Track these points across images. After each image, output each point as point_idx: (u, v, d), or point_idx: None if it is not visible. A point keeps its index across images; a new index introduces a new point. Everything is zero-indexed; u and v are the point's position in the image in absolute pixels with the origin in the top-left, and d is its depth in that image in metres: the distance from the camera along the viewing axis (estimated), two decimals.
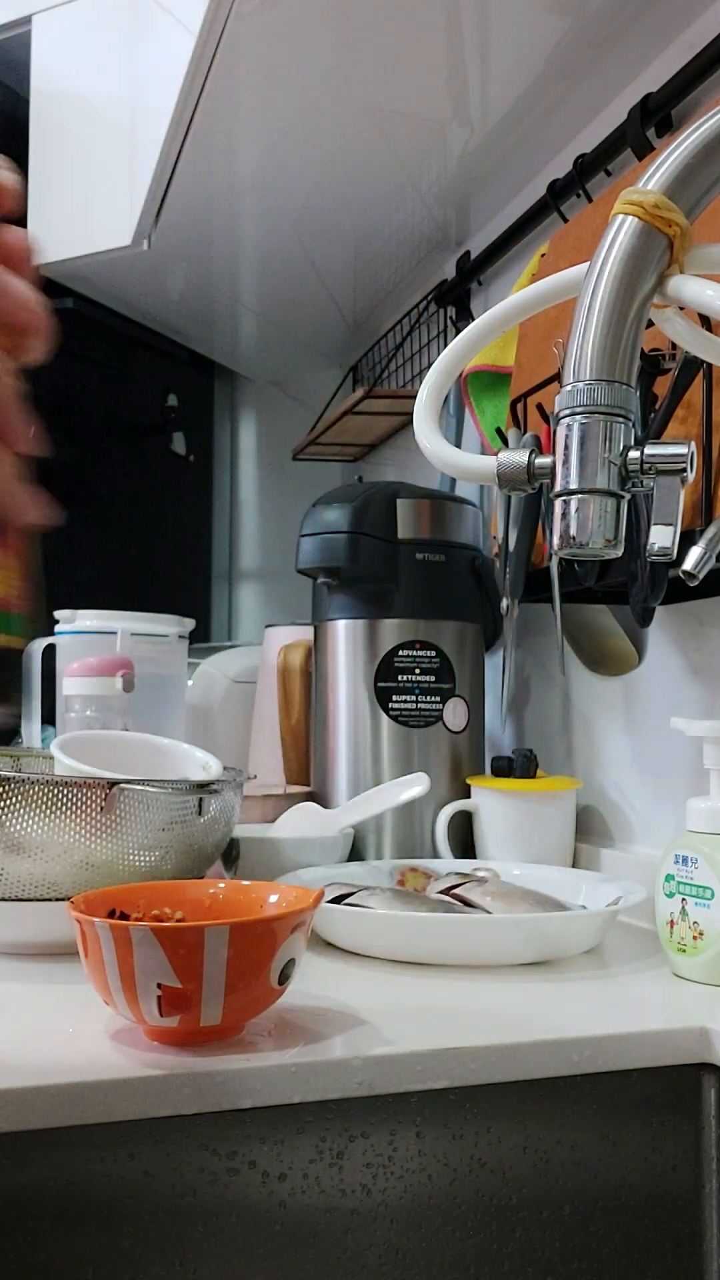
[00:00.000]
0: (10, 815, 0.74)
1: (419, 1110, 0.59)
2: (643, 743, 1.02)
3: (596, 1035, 0.61)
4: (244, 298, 1.72)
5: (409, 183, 1.30)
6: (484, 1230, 0.60)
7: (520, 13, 0.96)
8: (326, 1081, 0.56)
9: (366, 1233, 0.58)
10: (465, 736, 1.12)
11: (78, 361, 1.75)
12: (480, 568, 1.14)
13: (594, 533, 0.53)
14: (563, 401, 0.54)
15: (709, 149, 0.56)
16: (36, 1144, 0.53)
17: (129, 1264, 0.54)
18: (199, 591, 2.08)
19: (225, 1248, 0.56)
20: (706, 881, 0.71)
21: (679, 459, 0.53)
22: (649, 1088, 0.62)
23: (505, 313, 0.66)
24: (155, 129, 1.27)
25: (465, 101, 1.11)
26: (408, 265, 1.53)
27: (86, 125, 1.50)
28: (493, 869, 0.95)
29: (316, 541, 1.11)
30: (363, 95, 1.12)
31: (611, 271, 0.54)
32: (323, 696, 1.15)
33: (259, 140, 1.22)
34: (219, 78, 1.09)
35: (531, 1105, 0.60)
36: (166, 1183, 0.55)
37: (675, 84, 0.93)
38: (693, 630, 0.95)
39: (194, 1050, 0.57)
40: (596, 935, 0.80)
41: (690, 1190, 0.63)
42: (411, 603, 1.11)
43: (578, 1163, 0.61)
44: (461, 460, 0.64)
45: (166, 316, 1.81)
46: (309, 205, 1.37)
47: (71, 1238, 0.54)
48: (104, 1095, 0.54)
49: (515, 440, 1.02)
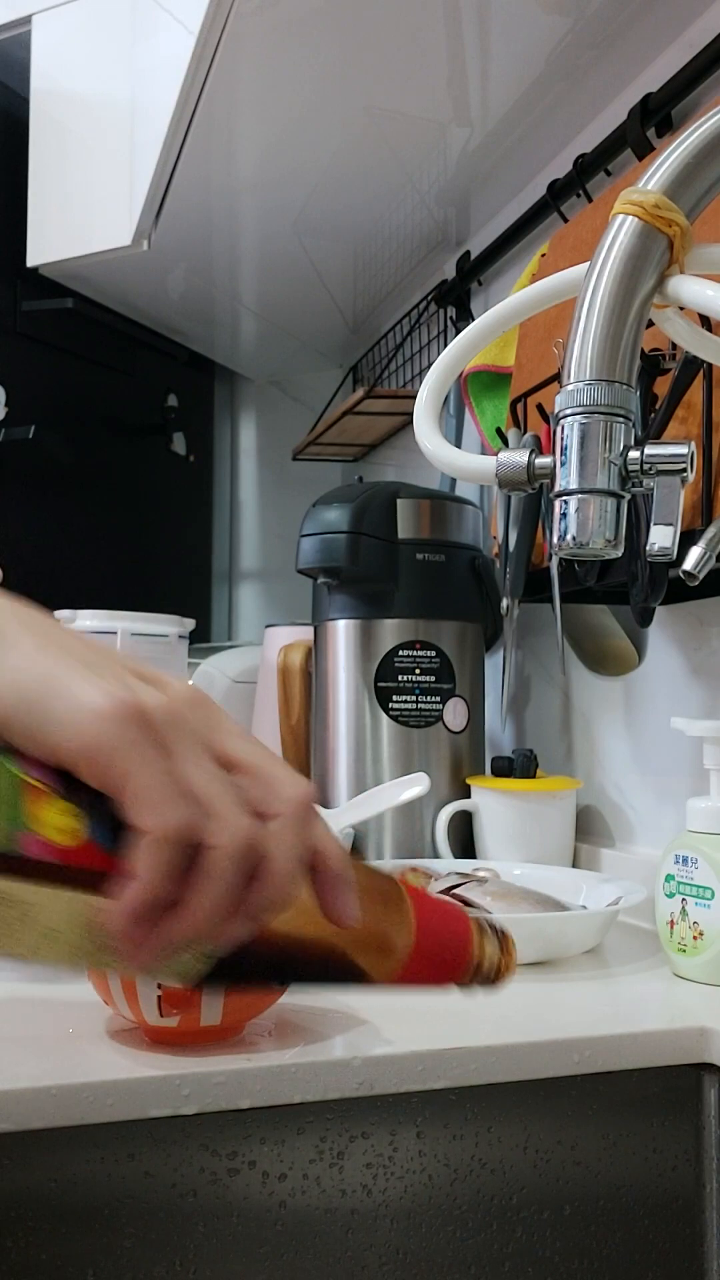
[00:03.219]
0: None
1: (419, 1110, 0.59)
2: (643, 743, 1.02)
3: (596, 1035, 0.61)
4: (244, 298, 1.72)
5: (409, 183, 1.30)
6: (484, 1230, 0.60)
7: (520, 13, 0.96)
8: (326, 1081, 0.56)
9: (367, 1233, 0.58)
10: (465, 736, 1.12)
11: (78, 361, 1.75)
12: (480, 568, 1.14)
13: (594, 533, 0.53)
14: (563, 401, 0.54)
15: (709, 149, 0.56)
16: (36, 1144, 0.53)
17: (129, 1264, 0.54)
18: (199, 591, 2.08)
19: (226, 1248, 0.56)
20: (706, 881, 0.71)
21: (679, 459, 0.53)
22: (649, 1088, 0.62)
23: (505, 313, 0.66)
24: (155, 129, 1.27)
25: (465, 101, 1.11)
26: (408, 265, 1.53)
27: (86, 125, 1.50)
28: (493, 869, 0.95)
29: (316, 541, 1.11)
30: (363, 95, 1.12)
31: (611, 271, 0.54)
32: (323, 697, 1.15)
33: (259, 140, 1.22)
34: (219, 78, 1.09)
35: (532, 1105, 0.60)
36: (167, 1183, 0.55)
37: (675, 84, 0.93)
38: (693, 630, 0.95)
39: (194, 1050, 0.57)
40: (596, 935, 0.80)
41: (690, 1190, 0.63)
42: (411, 603, 1.11)
43: (578, 1163, 0.61)
44: (461, 460, 0.64)
45: (166, 316, 1.81)
46: (309, 205, 1.37)
47: (72, 1238, 0.54)
48: (104, 1095, 0.53)
49: (515, 440, 1.02)
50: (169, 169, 1.30)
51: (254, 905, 0.36)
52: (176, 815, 0.34)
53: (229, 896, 0.35)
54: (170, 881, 0.34)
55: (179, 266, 1.59)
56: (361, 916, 0.40)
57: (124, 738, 0.34)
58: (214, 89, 1.12)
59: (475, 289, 1.41)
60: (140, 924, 0.34)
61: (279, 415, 2.15)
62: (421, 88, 1.09)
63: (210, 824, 0.35)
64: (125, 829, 0.34)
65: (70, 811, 0.34)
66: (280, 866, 0.36)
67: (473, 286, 1.40)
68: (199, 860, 0.35)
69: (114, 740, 0.34)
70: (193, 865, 0.35)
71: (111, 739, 0.34)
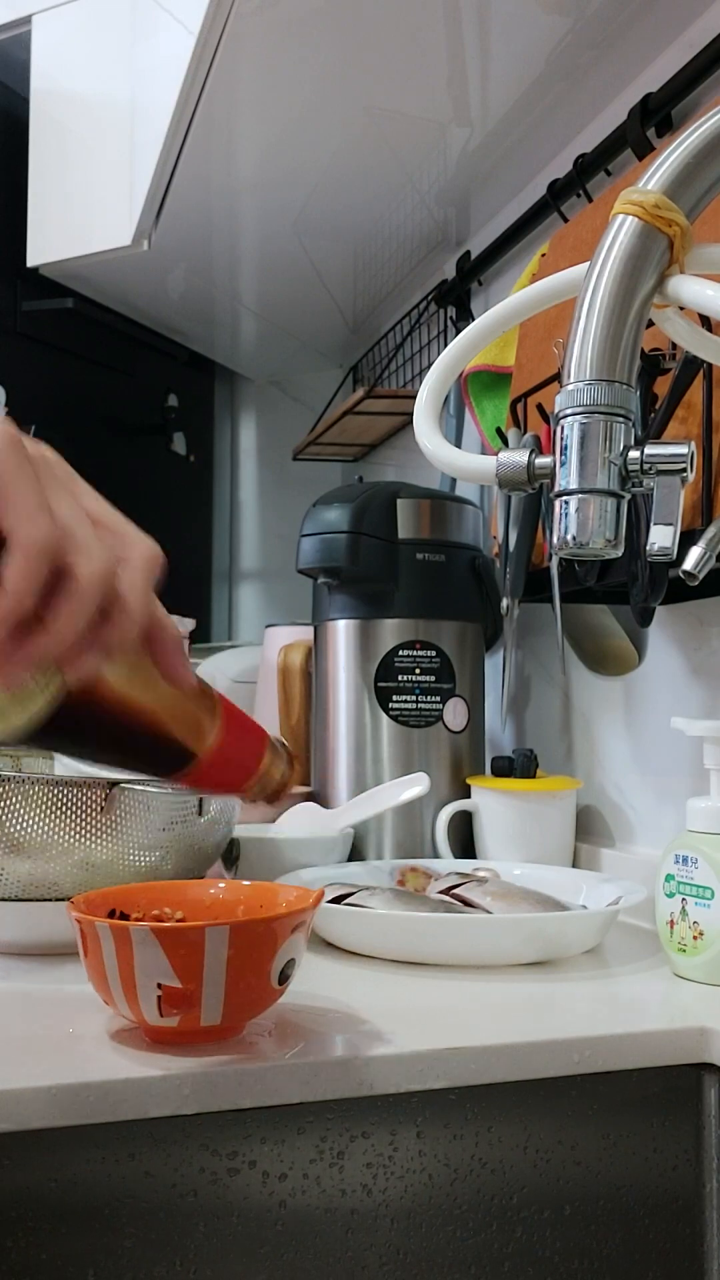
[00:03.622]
0: (10, 815, 0.74)
1: (419, 1110, 0.59)
2: (643, 743, 1.02)
3: (596, 1035, 0.61)
4: (244, 298, 1.72)
5: (409, 183, 1.30)
6: (484, 1230, 0.60)
7: (520, 13, 0.96)
8: (326, 1081, 0.56)
9: (367, 1233, 0.58)
10: (465, 736, 1.12)
11: (78, 361, 1.75)
12: (480, 568, 1.14)
13: (594, 533, 0.53)
14: (563, 401, 0.54)
15: (709, 149, 0.56)
16: (36, 1144, 0.53)
17: (130, 1264, 0.54)
18: (199, 591, 2.08)
19: (226, 1248, 0.56)
20: (706, 881, 0.71)
21: (679, 459, 0.53)
22: (649, 1088, 0.62)
23: (505, 313, 0.66)
24: (155, 129, 1.27)
25: (465, 101, 1.11)
26: (408, 265, 1.53)
27: (86, 125, 1.50)
28: (493, 869, 0.95)
29: (316, 541, 1.11)
30: (363, 95, 1.12)
31: (611, 271, 0.54)
32: (323, 696, 1.15)
33: (259, 140, 1.22)
34: (219, 78, 1.09)
35: (532, 1105, 0.60)
36: (167, 1183, 0.55)
37: (675, 84, 0.93)
38: (693, 630, 0.95)
39: (194, 1050, 0.57)
40: (596, 935, 0.80)
41: (690, 1190, 0.63)
42: (411, 603, 1.11)
43: (578, 1163, 0.61)
44: (461, 460, 0.64)
45: (166, 316, 1.81)
46: (309, 205, 1.37)
47: (72, 1238, 0.54)
48: (104, 1095, 0.54)
49: (515, 440, 1.02)
50: (169, 169, 1.30)
51: (106, 638, 0.40)
52: (47, 529, 0.38)
53: (86, 622, 0.39)
54: (35, 596, 0.38)
55: (179, 266, 1.59)
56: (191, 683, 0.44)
57: (4, 454, 0.39)
58: (214, 89, 1.12)
59: (475, 289, 1.41)
60: (5, 635, 0.38)
61: (279, 415, 2.15)
62: (421, 88, 1.09)
63: (76, 551, 0.39)
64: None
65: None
66: (132, 606, 0.41)
67: (473, 286, 1.40)
68: (62, 584, 0.39)
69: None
70: (56, 588, 0.39)
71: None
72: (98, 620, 0.40)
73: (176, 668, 0.44)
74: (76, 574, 0.39)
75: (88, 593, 0.39)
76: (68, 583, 0.39)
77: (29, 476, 0.39)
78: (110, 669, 0.42)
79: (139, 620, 0.41)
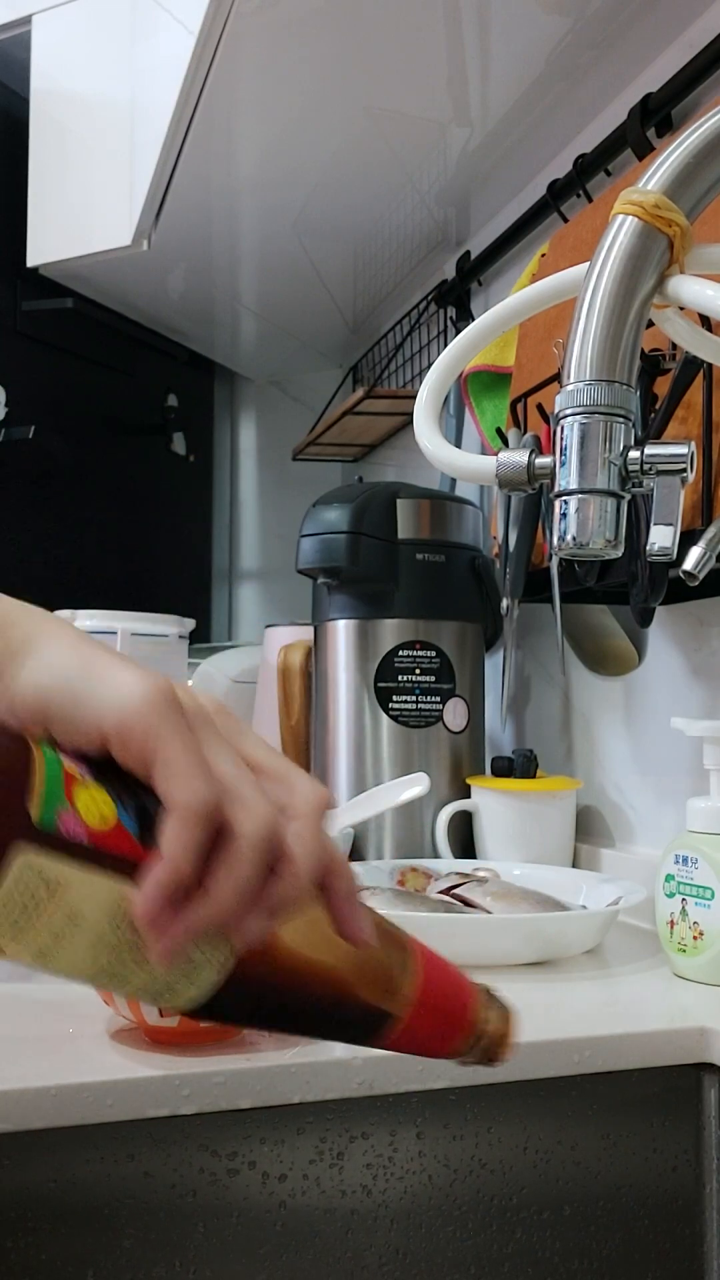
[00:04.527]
0: None
1: (419, 1110, 0.59)
2: (643, 743, 1.02)
3: (596, 1035, 0.61)
4: (244, 298, 1.72)
5: (409, 183, 1.30)
6: (484, 1230, 0.60)
7: (520, 13, 0.96)
8: (326, 1081, 0.56)
9: (367, 1233, 0.58)
10: (465, 736, 1.12)
11: (78, 361, 1.75)
12: (480, 568, 1.14)
13: (594, 533, 0.53)
14: (563, 401, 0.54)
15: (709, 149, 0.56)
16: (36, 1144, 0.53)
17: (130, 1264, 0.54)
18: (199, 591, 2.08)
19: (226, 1248, 0.56)
20: (706, 881, 0.71)
21: (679, 459, 0.53)
22: (649, 1088, 0.62)
23: (505, 313, 0.66)
24: (155, 129, 1.27)
25: (465, 101, 1.11)
26: (408, 265, 1.53)
27: (86, 125, 1.50)
28: (493, 869, 0.95)
29: (316, 541, 1.11)
30: (363, 95, 1.12)
31: (611, 271, 0.54)
32: (323, 697, 1.15)
33: (259, 140, 1.22)
34: (219, 78, 1.09)
35: (531, 1105, 0.60)
36: (167, 1183, 0.55)
37: (675, 84, 0.93)
38: (693, 630, 0.95)
39: (194, 1050, 0.57)
40: (596, 935, 0.80)
41: (690, 1190, 0.63)
42: (411, 603, 1.11)
43: (578, 1163, 0.61)
44: (461, 460, 0.64)
45: (166, 316, 1.81)
46: (309, 205, 1.37)
47: (72, 1238, 0.54)
48: (104, 1095, 0.53)
49: (515, 440, 1.02)
50: (169, 169, 1.30)
51: (273, 900, 0.37)
52: (204, 791, 0.35)
53: (251, 885, 0.36)
54: (195, 862, 0.35)
55: (179, 266, 1.59)
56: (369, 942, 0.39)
57: (159, 714, 0.36)
58: (214, 89, 1.12)
59: (475, 289, 1.41)
60: (163, 905, 0.35)
61: (279, 415, 2.15)
62: (421, 88, 1.09)
63: (236, 808, 0.36)
64: (154, 819, 0.35)
65: (102, 798, 0.36)
66: (300, 863, 0.37)
67: (473, 286, 1.40)
68: (223, 845, 0.36)
69: (150, 717, 0.36)
70: (217, 849, 0.36)
71: (147, 715, 0.36)
72: (263, 878, 0.36)
73: (351, 922, 0.39)
74: (238, 832, 0.36)
75: (250, 852, 0.36)
76: (229, 842, 0.36)
77: (183, 733, 0.36)
78: (283, 929, 0.38)
79: (309, 874, 0.37)
